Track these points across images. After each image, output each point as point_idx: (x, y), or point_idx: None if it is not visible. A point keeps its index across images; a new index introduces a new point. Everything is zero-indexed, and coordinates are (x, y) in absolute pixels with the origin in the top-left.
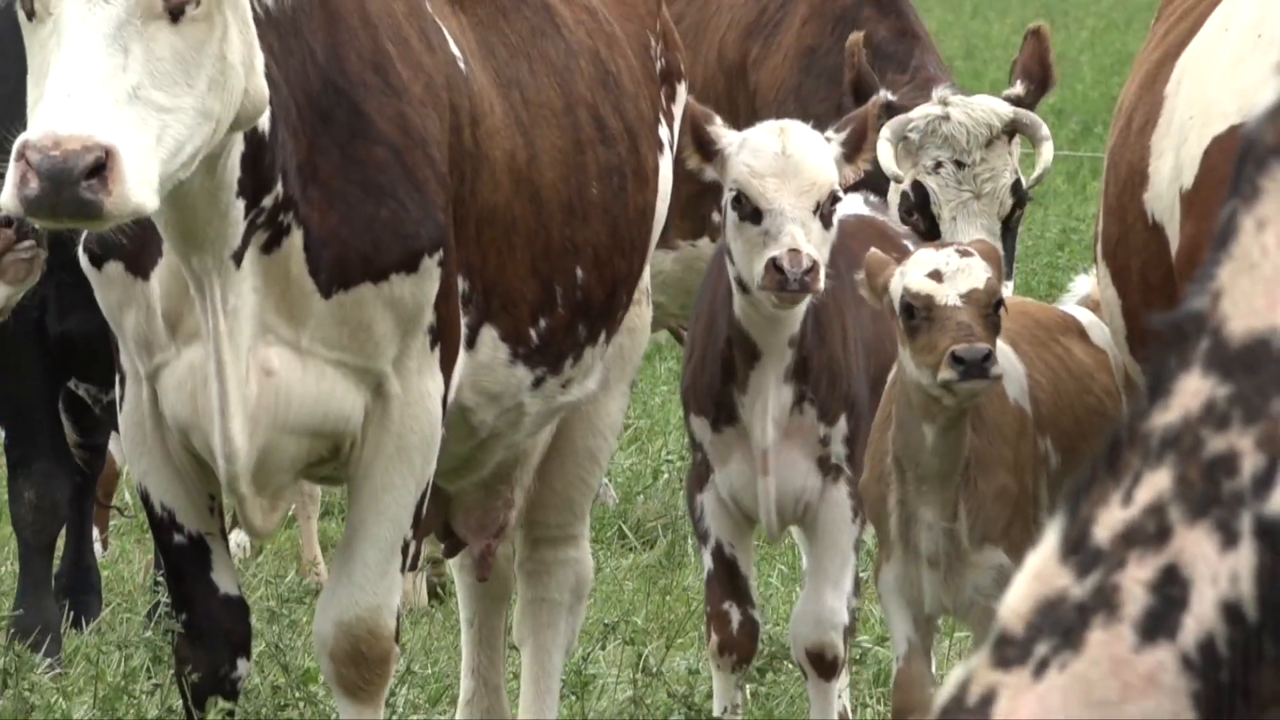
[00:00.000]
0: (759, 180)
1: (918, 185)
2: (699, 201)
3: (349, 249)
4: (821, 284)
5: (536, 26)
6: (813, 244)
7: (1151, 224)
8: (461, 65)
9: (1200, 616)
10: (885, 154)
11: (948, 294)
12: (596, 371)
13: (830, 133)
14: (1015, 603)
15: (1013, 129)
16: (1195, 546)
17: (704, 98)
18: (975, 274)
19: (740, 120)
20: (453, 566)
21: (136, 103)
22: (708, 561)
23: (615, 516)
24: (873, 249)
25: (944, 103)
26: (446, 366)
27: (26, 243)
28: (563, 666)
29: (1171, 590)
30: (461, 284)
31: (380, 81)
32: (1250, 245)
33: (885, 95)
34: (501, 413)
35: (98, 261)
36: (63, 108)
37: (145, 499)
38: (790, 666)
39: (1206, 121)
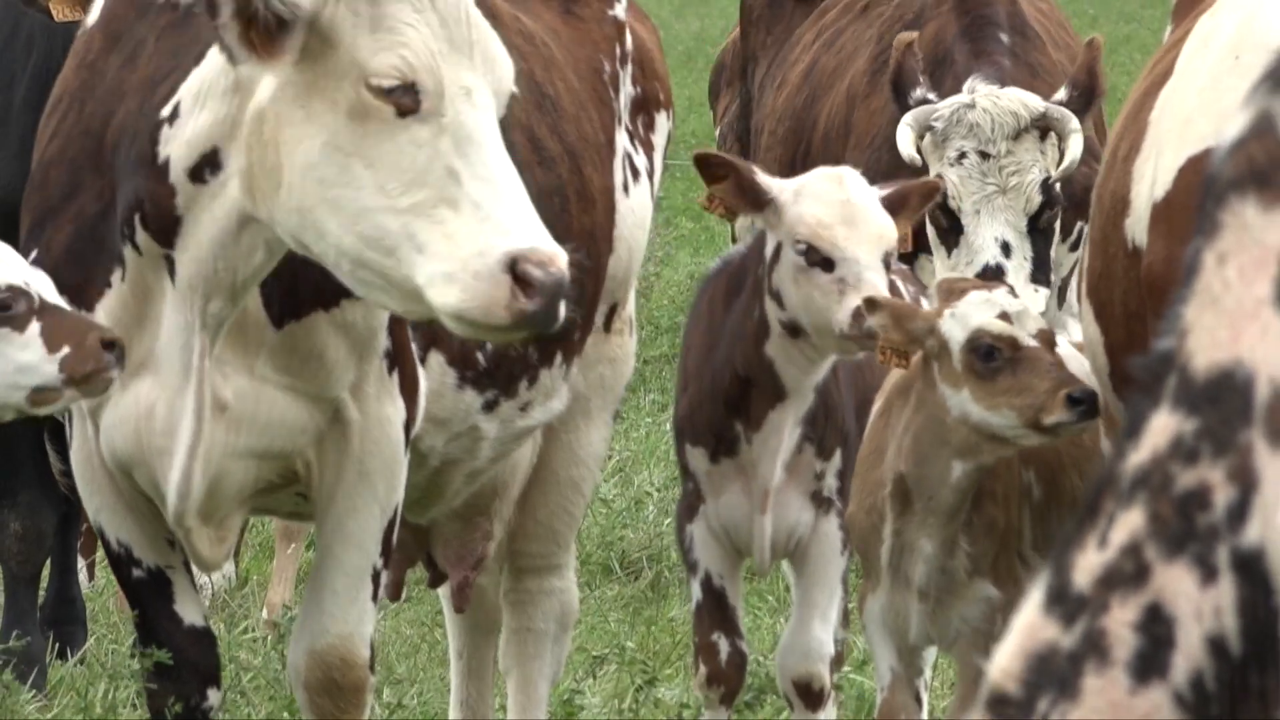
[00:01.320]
0: (828, 230)
1: (940, 180)
2: None
3: (299, 280)
4: None
5: None
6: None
7: (1131, 249)
8: None
9: (1189, 653)
10: (904, 139)
11: (1024, 335)
12: (561, 393)
13: (874, 187)
14: (1006, 662)
15: (1044, 125)
16: (1176, 584)
17: (826, 138)
18: (1033, 314)
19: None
20: (443, 599)
21: None
22: (696, 592)
23: (600, 548)
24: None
25: (972, 92)
26: (407, 392)
27: (116, 370)
28: (548, 696)
29: (1157, 629)
30: None
31: None
32: (1212, 280)
33: (922, 93)
34: (452, 438)
35: None
36: (530, 222)
37: (102, 535)
38: (773, 700)
39: (1183, 137)
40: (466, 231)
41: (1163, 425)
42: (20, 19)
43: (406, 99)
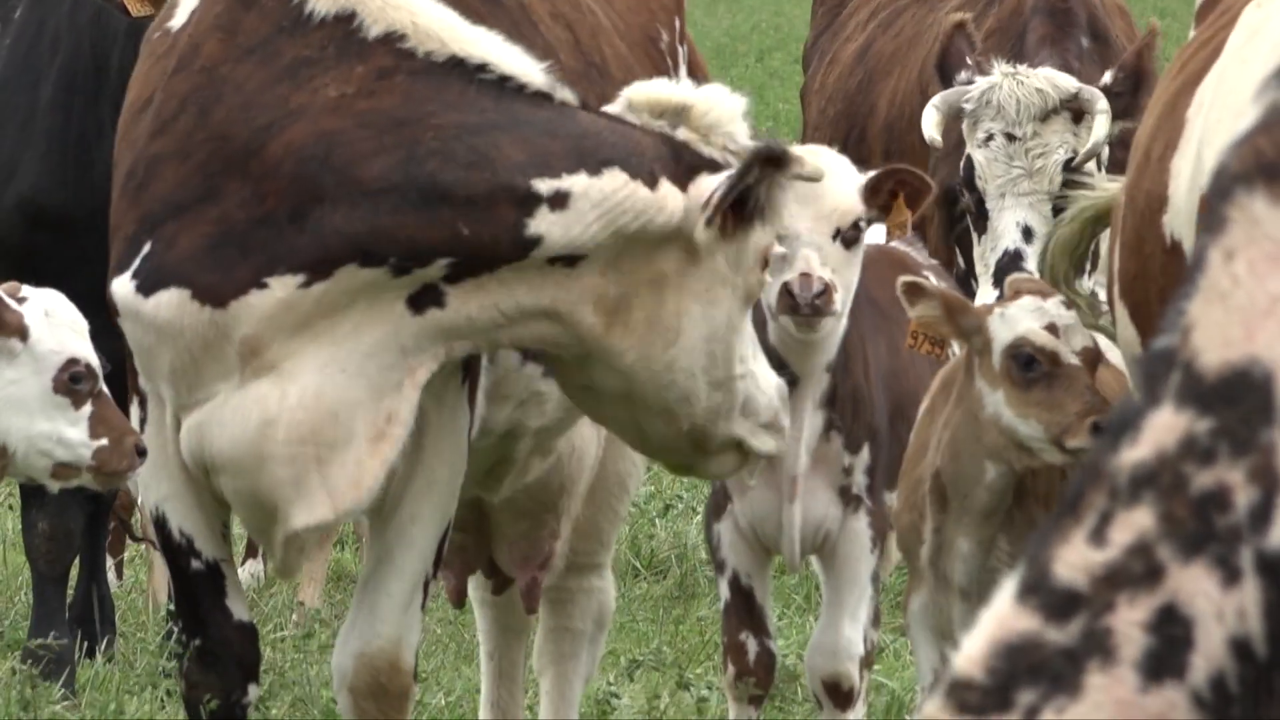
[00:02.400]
0: None
1: (968, 160)
2: None
3: None
4: (838, 306)
5: (511, 28)
6: (830, 267)
7: (1170, 245)
8: None
9: (1209, 654)
10: (929, 121)
11: (1068, 352)
12: None
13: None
14: (969, 649)
15: (1078, 106)
16: (1194, 584)
17: (889, 125)
18: (1082, 329)
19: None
20: (475, 601)
21: None
22: (725, 591)
23: (629, 548)
24: (913, 279)
25: (1003, 73)
26: (472, 401)
27: (136, 474)
28: (581, 695)
29: (1172, 630)
30: None
31: None
32: (1219, 276)
33: (968, 76)
34: (517, 405)
35: (148, 289)
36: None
37: (162, 524)
38: (800, 694)
39: (1234, 130)
40: (764, 388)
41: (1168, 424)
42: (46, 19)
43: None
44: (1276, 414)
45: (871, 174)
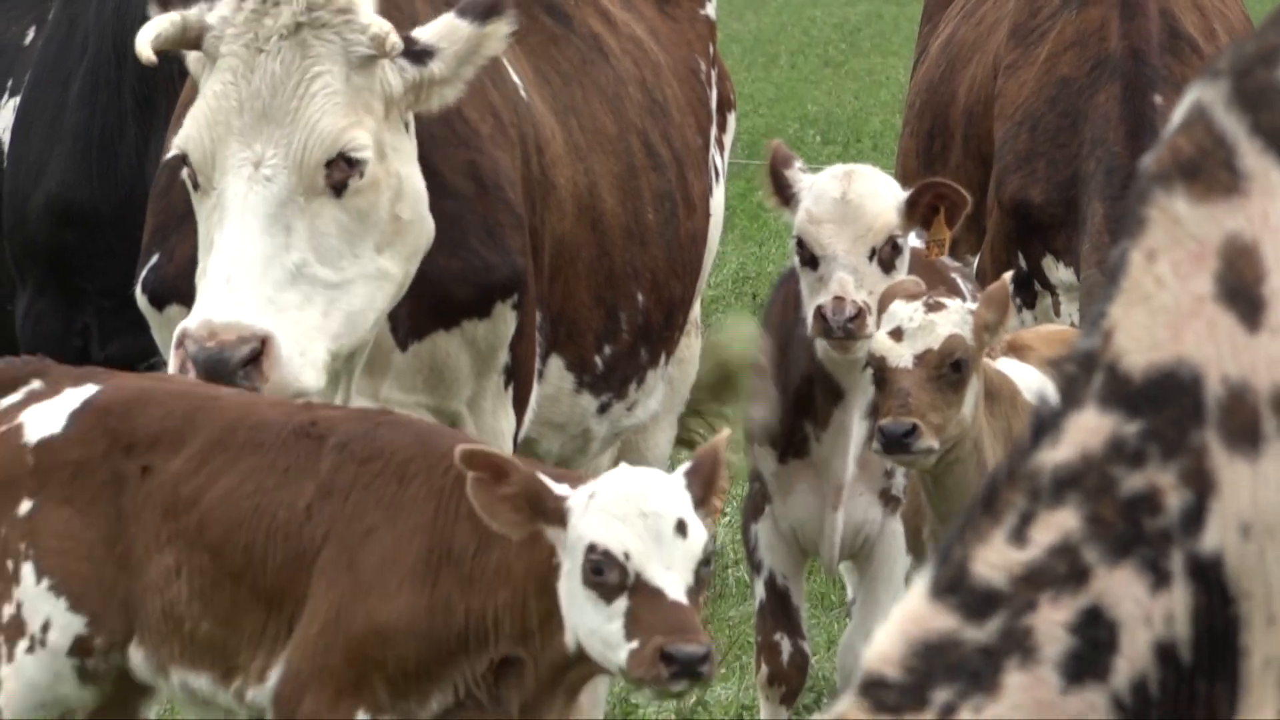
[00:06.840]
0: (815, 226)
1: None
2: None
3: (421, 302)
4: (871, 328)
5: (585, 55)
6: (866, 288)
7: None
8: (522, 93)
9: (1133, 658)
10: None
11: (902, 355)
12: (659, 391)
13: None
14: (884, 647)
15: None
16: (1122, 588)
17: (969, 113)
18: (936, 332)
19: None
20: None
21: (301, 281)
22: (760, 592)
23: None
24: (900, 283)
25: None
26: (519, 405)
27: None
28: (606, 696)
29: (1096, 632)
30: None
31: (446, 131)
32: (1142, 277)
33: None
34: (568, 440)
35: (159, 303)
36: (219, 295)
37: None
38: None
39: None
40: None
41: (1093, 426)
42: (76, 19)
43: (191, 174)
44: (1207, 415)
45: (909, 191)
